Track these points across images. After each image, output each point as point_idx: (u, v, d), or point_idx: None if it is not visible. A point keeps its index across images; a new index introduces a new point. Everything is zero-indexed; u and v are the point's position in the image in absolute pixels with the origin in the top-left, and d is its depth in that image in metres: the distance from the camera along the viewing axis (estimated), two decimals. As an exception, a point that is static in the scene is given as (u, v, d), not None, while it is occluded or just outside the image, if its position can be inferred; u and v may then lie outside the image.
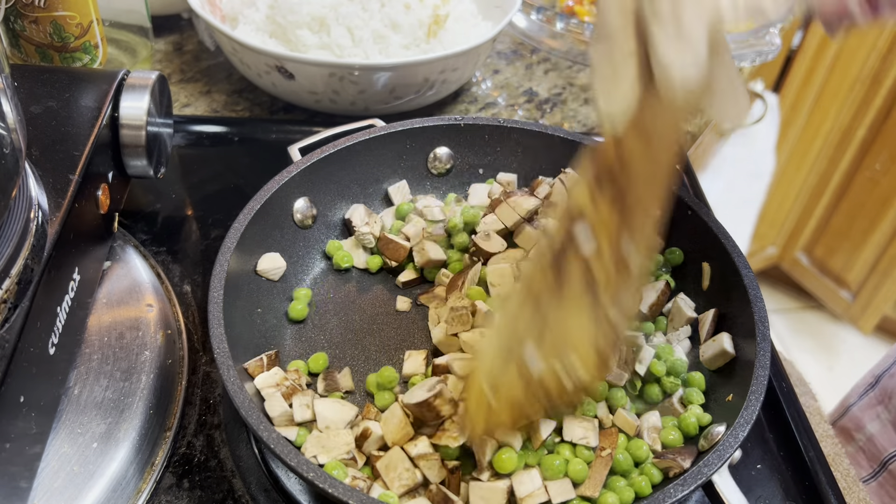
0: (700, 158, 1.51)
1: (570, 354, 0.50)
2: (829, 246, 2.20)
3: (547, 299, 0.50)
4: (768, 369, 0.55)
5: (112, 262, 0.68)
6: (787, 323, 2.33)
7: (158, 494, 0.56)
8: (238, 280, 0.60)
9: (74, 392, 0.57)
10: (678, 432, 0.56)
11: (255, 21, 0.89)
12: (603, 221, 0.47)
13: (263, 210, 0.64)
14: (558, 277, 0.49)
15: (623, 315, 0.51)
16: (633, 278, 0.50)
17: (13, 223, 0.49)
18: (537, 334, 0.50)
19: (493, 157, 0.74)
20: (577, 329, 0.50)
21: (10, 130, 0.46)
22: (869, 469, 0.84)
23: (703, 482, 0.49)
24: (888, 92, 1.88)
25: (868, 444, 0.85)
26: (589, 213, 0.47)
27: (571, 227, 0.48)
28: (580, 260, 0.49)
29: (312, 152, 0.69)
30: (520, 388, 0.51)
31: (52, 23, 0.77)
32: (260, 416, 0.50)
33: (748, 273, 0.61)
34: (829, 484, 0.58)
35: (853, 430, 0.87)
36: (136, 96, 0.67)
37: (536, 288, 0.50)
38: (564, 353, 0.50)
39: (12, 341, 0.47)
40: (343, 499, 0.46)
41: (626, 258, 0.48)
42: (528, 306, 0.51)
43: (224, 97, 0.94)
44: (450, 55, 0.82)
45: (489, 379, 0.51)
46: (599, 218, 0.47)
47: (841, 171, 2.06)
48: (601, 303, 0.50)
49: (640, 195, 0.47)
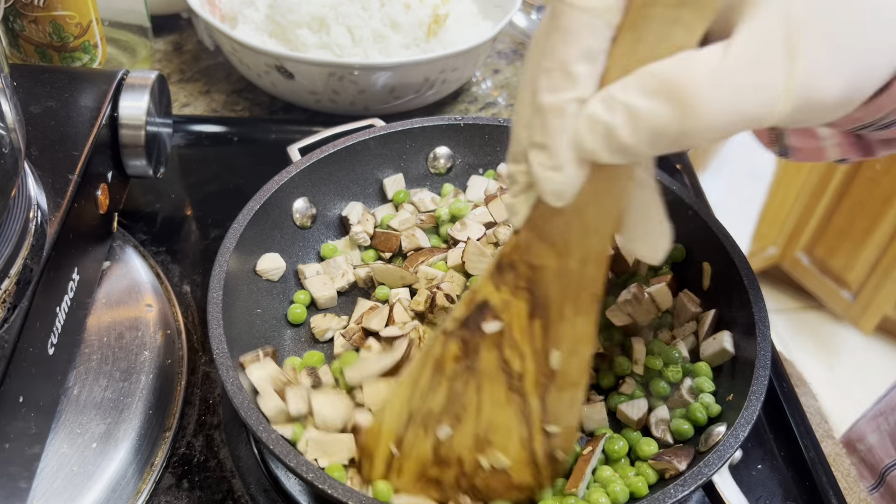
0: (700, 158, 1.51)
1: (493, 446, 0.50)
2: (829, 246, 2.20)
3: (456, 372, 0.49)
4: (769, 369, 0.55)
5: (111, 262, 0.67)
6: (788, 323, 2.33)
7: (158, 495, 0.56)
8: (237, 280, 0.60)
9: (74, 392, 0.57)
10: (687, 422, 0.56)
11: (255, 21, 0.89)
12: (510, 309, 0.48)
13: (263, 210, 0.64)
14: (467, 351, 0.49)
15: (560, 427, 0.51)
16: (563, 387, 0.50)
17: (12, 223, 0.49)
18: (453, 418, 0.50)
19: (493, 157, 0.74)
20: (500, 417, 0.50)
21: (10, 130, 0.46)
22: (871, 480, 0.84)
23: (703, 482, 0.49)
24: (888, 92, 1.88)
25: (868, 456, 0.85)
26: (492, 298, 0.48)
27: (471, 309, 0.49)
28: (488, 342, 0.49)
29: (312, 152, 0.69)
30: (428, 449, 0.51)
31: (51, 22, 0.76)
32: (259, 416, 0.50)
33: (748, 273, 0.61)
34: (830, 484, 0.58)
35: (856, 442, 0.87)
36: (136, 96, 0.67)
37: (440, 356, 0.50)
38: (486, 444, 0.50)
39: (11, 341, 0.47)
40: (343, 499, 0.46)
41: (552, 364, 0.49)
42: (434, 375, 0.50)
43: (224, 97, 0.94)
44: (450, 55, 0.82)
45: (394, 435, 0.51)
46: (502, 302, 0.48)
47: (841, 171, 2.06)
48: (530, 405, 0.50)
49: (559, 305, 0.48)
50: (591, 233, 0.45)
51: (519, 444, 0.50)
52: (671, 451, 0.54)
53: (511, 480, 0.51)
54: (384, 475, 0.51)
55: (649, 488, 0.53)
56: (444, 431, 0.50)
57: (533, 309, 0.48)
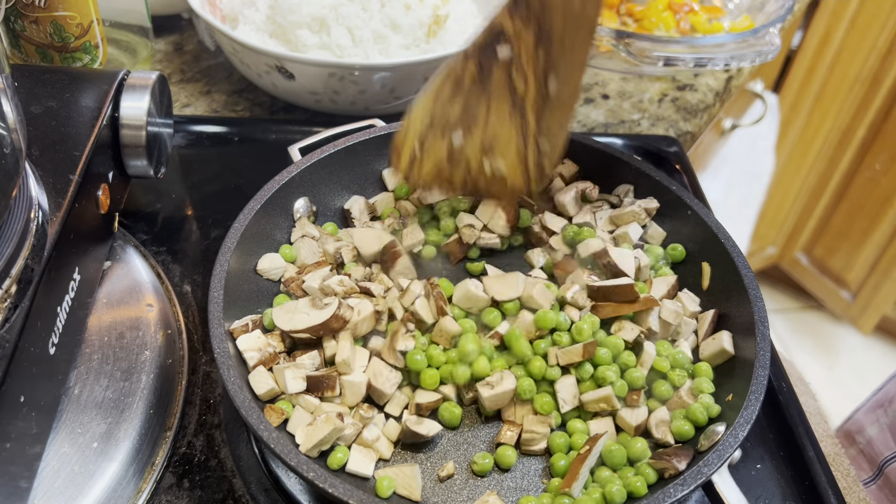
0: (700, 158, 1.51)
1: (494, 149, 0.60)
2: (828, 246, 2.20)
3: (471, 87, 0.59)
4: (768, 369, 0.55)
5: (112, 262, 0.68)
6: (787, 323, 2.33)
7: (158, 494, 0.56)
8: (238, 280, 0.60)
9: (74, 392, 0.57)
10: (688, 423, 0.56)
11: (255, 21, 0.89)
12: (521, 38, 0.57)
13: (264, 210, 0.64)
14: (481, 72, 0.58)
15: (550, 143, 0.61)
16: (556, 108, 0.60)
17: (13, 223, 0.49)
18: (464, 125, 0.60)
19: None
20: (502, 130, 0.60)
21: (11, 130, 0.46)
22: (869, 472, 0.84)
23: (703, 482, 0.49)
24: (888, 92, 1.88)
25: (867, 448, 0.85)
26: (507, 26, 0.57)
27: (491, 37, 0.58)
28: (500, 65, 0.58)
29: (312, 152, 0.69)
30: (444, 150, 0.61)
31: (52, 23, 0.77)
32: (260, 416, 0.50)
33: (748, 273, 0.61)
34: (829, 484, 0.58)
35: (855, 434, 0.87)
36: (137, 96, 0.67)
37: (460, 72, 0.59)
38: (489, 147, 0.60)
39: (12, 341, 0.47)
40: (343, 498, 0.46)
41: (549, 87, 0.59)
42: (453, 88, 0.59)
43: (224, 97, 0.94)
44: (450, 55, 0.82)
45: (418, 133, 0.61)
46: (516, 32, 0.57)
47: (841, 171, 2.07)
48: (528, 122, 0.59)
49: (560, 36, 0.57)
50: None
51: (515, 153, 0.61)
52: (671, 451, 0.54)
53: (506, 183, 0.62)
54: (408, 168, 0.62)
55: (649, 488, 0.53)
56: (457, 137, 0.60)
57: (539, 38, 0.57)
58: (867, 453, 0.85)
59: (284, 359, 0.58)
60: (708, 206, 0.72)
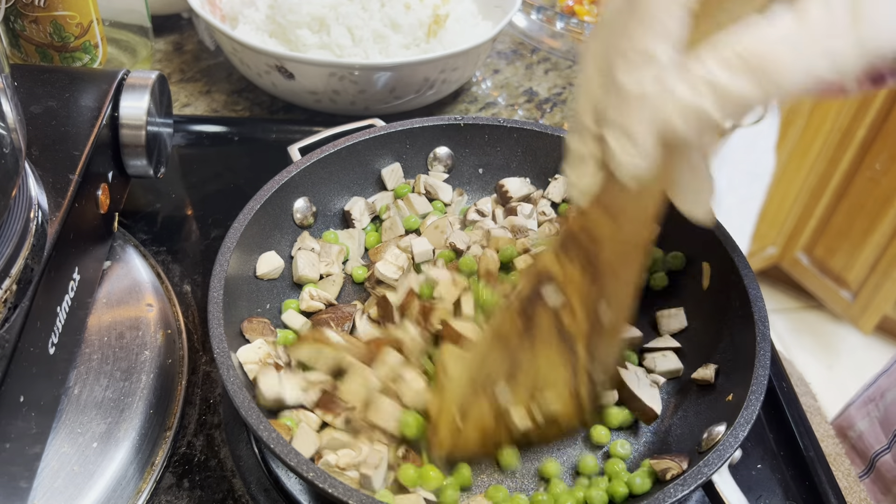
0: (700, 158, 1.51)
1: (543, 393, 0.54)
2: (829, 246, 2.20)
3: (517, 343, 0.53)
4: (768, 369, 0.55)
5: (112, 262, 0.68)
6: (787, 323, 2.33)
7: (158, 494, 0.56)
8: (238, 280, 0.60)
9: (74, 392, 0.57)
10: None
11: (255, 21, 0.89)
12: (570, 280, 0.51)
13: (263, 210, 0.64)
14: (528, 324, 0.53)
15: (603, 369, 0.55)
16: (609, 335, 0.54)
17: (13, 223, 0.49)
18: (509, 375, 0.54)
19: (493, 157, 0.74)
20: (551, 372, 0.54)
21: (10, 130, 0.46)
22: (862, 466, 0.84)
23: (703, 482, 0.49)
24: (888, 92, 1.88)
25: (858, 442, 0.85)
26: (556, 272, 0.51)
27: (538, 284, 0.52)
28: (548, 311, 0.52)
29: (312, 152, 0.69)
30: (489, 417, 0.54)
31: (52, 22, 0.77)
32: (260, 415, 0.50)
33: (748, 273, 0.61)
34: (829, 484, 0.58)
35: (847, 429, 0.87)
36: (136, 96, 0.67)
37: (505, 331, 0.53)
38: (537, 391, 0.54)
39: (12, 341, 0.47)
40: (343, 499, 0.46)
41: (601, 318, 0.53)
42: (498, 348, 0.54)
43: (224, 97, 0.94)
44: (450, 55, 0.82)
45: (458, 404, 0.54)
46: (566, 276, 0.51)
47: (841, 171, 2.06)
48: (578, 355, 0.53)
49: (611, 264, 0.51)
50: (648, 198, 0.48)
51: (566, 391, 0.55)
52: (672, 453, 0.54)
53: (559, 426, 0.56)
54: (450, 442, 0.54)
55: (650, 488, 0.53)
56: (502, 393, 0.54)
57: (591, 277, 0.51)
58: (858, 448, 0.85)
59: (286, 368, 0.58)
60: (708, 206, 0.72)
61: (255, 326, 0.60)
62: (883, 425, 0.83)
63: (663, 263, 0.68)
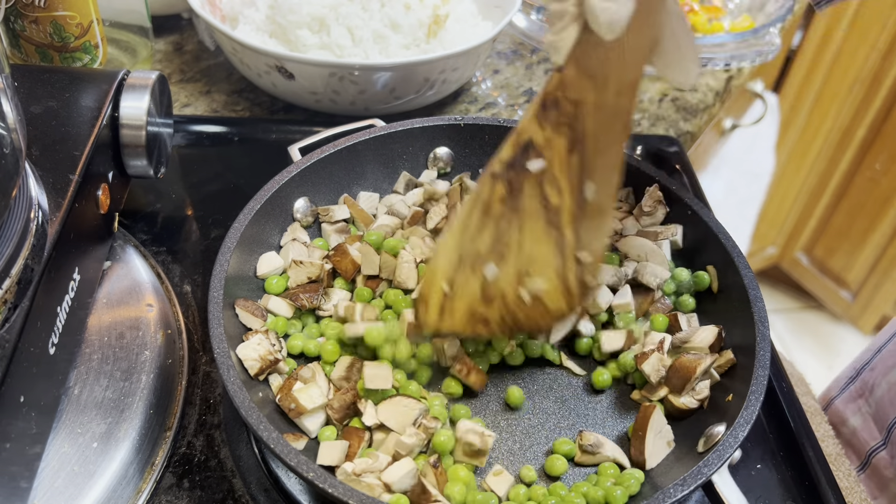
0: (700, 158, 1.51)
1: (531, 272, 0.54)
2: (828, 246, 2.20)
3: (500, 210, 0.53)
4: (768, 369, 0.55)
5: (112, 262, 0.68)
6: (787, 323, 2.33)
7: (158, 494, 0.56)
8: (238, 280, 0.60)
9: (74, 392, 0.57)
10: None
11: (255, 21, 0.89)
12: (552, 145, 0.51)
13: (263, 210, 0.64)
14: (511, 190, 0.52)
15: (591, 255, 0.55)
16: (594, 215, 0.54)
17: (13, 223, 0.49)
18: (496, 252, 0.54)
19: (494, 156, 0.74)
20: (538, 249, 0.54)
21: (10, 130, 0.46)
22: (857, 462, 0.84)
23: (702, 482, 0.49)
24: (888, 92, 1.88)
25: (853, 438, 0.85)
26: (535, 134, 0.51)
27: (519, 150, 0.52)
28: (532, 179, 0.52)
29: (312, 152, 0.69)
30: (476, 288, 0.54)
31: (52, 23, 0.77)
32: (260, 415, 0.50)
33: (748, 273, 0.61)
34: (830, 484, 0.58)
35: (838, 425, 0.87)
36: (137, 96, 0.67)
37: (487, 196, 0.53)
38: (525, 270, 0.54)
39: (12, 341, 0.47)
40: (343, 499, 0.46)
41: (586, 195, 0.53)
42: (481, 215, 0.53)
43: (224, 97, 0.94)
44: (450, 55, 0.82)
45: (447, 276, 0.54)
46: (547, 140, 0.51)
47: (841, 171, 2.06)
48: (565, 237, 0.54)
49: (593, 133, 0.51)
50: (628, 63, 0.49)
51: (554, 274, 0.55)
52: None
53: (547, 309, 0.56)
54: (438, 316, 0.55)
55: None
56: (490, 270, 0.54)
57: (572, 143, 0.51)
58: (853, 444, 0.85)
59: None
60: (708, 206, 0.72)
61: (248, 305, 0.60)
62: (876, 421, 0.83)
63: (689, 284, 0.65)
